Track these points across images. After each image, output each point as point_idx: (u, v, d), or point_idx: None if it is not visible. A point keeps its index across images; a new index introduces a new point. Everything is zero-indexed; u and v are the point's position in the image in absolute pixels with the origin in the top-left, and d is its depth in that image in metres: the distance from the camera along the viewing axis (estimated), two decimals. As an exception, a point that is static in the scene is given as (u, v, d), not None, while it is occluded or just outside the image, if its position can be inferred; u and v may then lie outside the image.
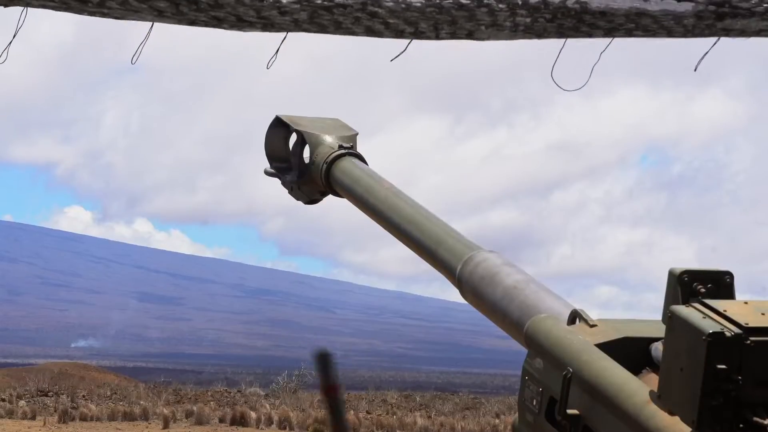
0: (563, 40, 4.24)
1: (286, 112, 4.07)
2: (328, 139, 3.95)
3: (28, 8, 4.63)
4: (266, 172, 4.13)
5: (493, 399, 50.77)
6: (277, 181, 4.12)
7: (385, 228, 3.64)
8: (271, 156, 4.13)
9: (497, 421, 37.92)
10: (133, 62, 4.87)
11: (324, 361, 2.64)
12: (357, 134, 4.00)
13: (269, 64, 4.90)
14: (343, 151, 3.91)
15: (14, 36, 4.78)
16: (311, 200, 4.06)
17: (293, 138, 4.07)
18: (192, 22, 4.38)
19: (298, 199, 4.07)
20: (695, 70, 4.57)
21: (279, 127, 4.10)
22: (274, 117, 4.10)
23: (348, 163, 3.87)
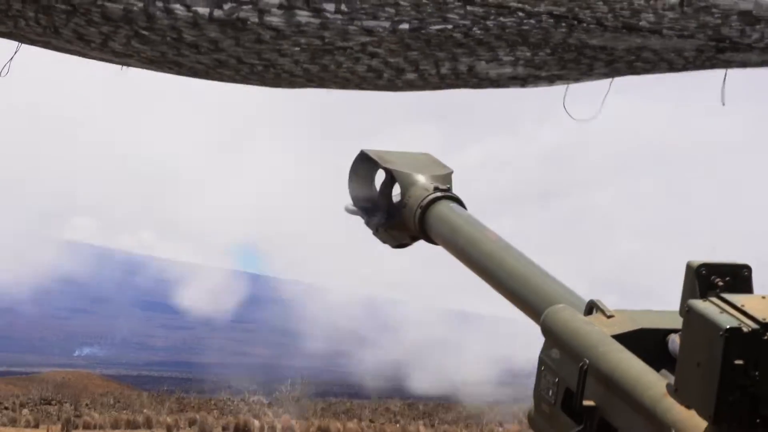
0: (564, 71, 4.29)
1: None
2: (422, 179, 3.57)
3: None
4: (348, 210, 3.78)
5: (496, 408, 50.72)
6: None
7: (491, 285, 3.33)
8: (355, 194, 3.76)
9: (500, 429, 37.91)
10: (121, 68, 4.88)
11: None
12: (452, 172, 3.65)
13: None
14: (439, 194, 3.52)
15: (16, 52, 4.81)
16: (400, 244, 3.71)
17: (379, 175, 3.70)
18: (192, 69, 4.42)
19: (384, 242, 3.73)
20: (723, 104, 4.56)
21: (365, 163, 3.71)
22: (359, 152, 3.77)
23: (446, 209, 3.49)
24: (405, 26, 4.03)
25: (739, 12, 3.83)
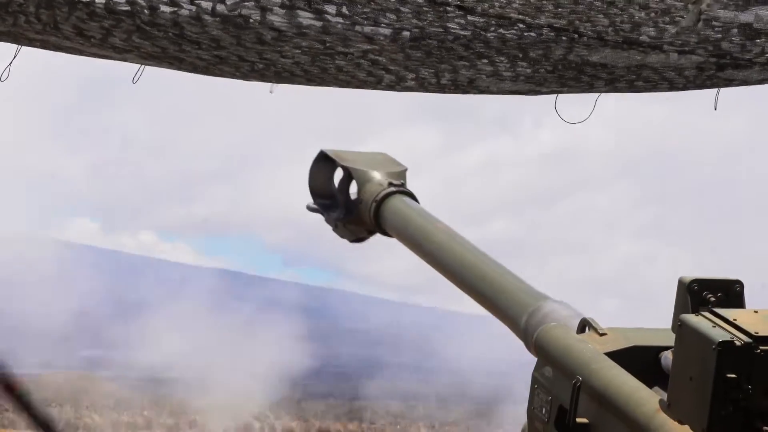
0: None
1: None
2: (377, 175, 3.74)
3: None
4: (309, 208, 3.93)
5: (498, 410, 50.67)
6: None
7: (440, 273, 3.47)
8: (315, 192, 3.91)
9: (500, 431, 37.87)
10: (134, 81, 4.88)
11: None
12: (406, 170, 3.81)
13: (272, 90, 4.92)
14: (393, 188, 3.69)
15: (15, 56, 4.81)
16: (357, 239, 3.87)
17: (338, 173, 3.88)
18: (193, 65, 4.43)
19: (342, 237, 3.89)
20: (715, 109, 4.60)
21: (323, 162, 3.89)
22: (318, 151, 3.91)
23: (399, 202, 3.67)
24: (406, 34, 4.03)
25: (740, 25, 3.82)
